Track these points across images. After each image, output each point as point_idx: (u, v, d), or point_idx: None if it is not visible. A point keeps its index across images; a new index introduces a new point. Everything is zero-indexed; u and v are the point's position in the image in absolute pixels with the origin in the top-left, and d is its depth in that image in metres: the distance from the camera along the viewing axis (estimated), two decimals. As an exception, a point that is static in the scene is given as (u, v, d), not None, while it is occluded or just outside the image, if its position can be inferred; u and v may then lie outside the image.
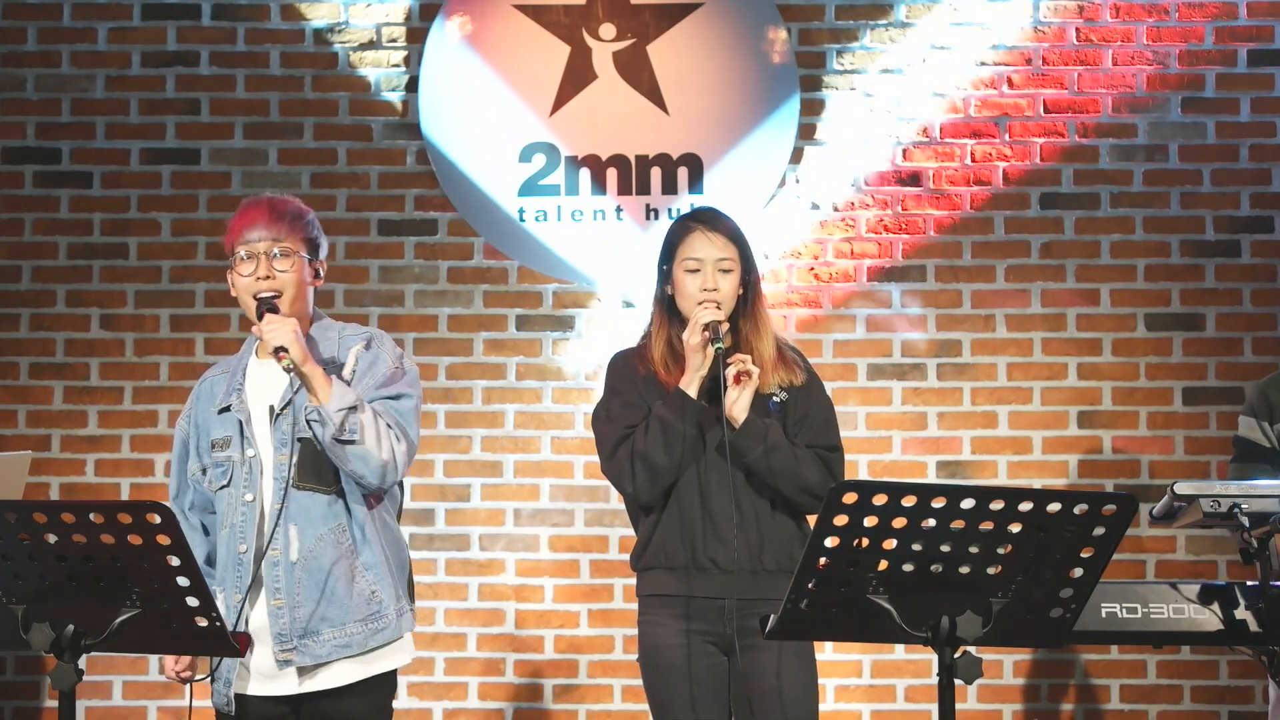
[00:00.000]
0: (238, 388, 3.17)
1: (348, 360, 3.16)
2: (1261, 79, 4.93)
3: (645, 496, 3.31)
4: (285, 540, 3.05)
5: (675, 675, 3.30)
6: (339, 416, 3.00)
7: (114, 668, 4.76)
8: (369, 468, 3.04)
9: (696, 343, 3.24)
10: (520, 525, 4.85)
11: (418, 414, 3.20)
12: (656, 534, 3.32)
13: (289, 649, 3.04)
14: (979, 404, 4.85)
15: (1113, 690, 4.78)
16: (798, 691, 3.26)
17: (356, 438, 3.01)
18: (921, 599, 2.52)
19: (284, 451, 3.09)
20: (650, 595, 3.36)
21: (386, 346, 3.23)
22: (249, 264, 3.11)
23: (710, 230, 3.35)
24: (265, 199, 3.19)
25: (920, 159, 4.93)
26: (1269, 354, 4.83)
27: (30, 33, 4.98)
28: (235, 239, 3.14)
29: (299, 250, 3.13)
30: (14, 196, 4.95)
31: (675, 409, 3.26)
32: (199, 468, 3.19)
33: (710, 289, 3.31)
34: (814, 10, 4.97)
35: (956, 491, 2.48)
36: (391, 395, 3.15)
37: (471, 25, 4.96)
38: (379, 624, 3.11)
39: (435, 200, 4.94)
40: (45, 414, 4.89)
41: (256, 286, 3.09)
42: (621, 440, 3.32)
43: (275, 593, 3.05)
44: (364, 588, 3.10)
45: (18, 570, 2.54)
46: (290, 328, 3.01)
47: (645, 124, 4.92)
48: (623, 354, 3.48)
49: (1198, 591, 3.05)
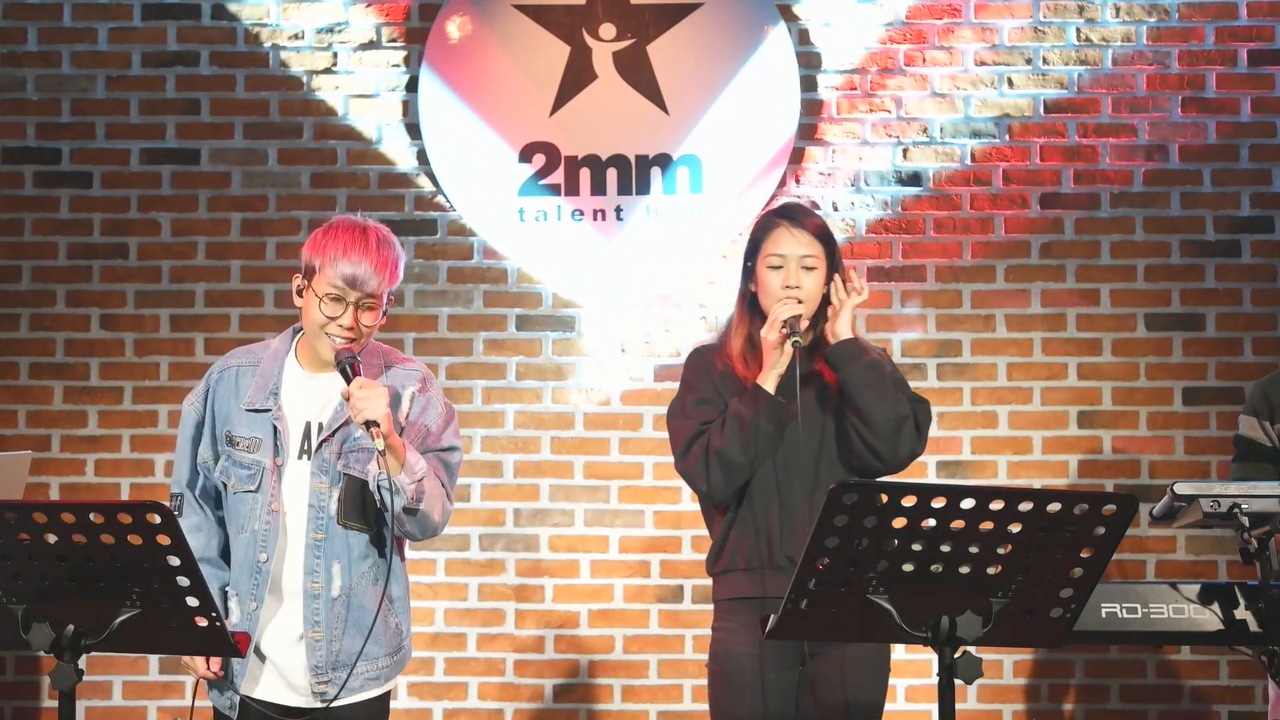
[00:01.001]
0: (274, 391, 3.10)
1: (403, 402, 3.10)
2: (1262, 79, 4.93)
3: (720, 495, 3.22)
4: (327, 576, 3.04)
5: (746, 685, 3.19)
6: (412, 489, 2.96)
7: (114, 668, 4.77)
8: (424, 530, 3.05)
9: (774, 339, 3.16)
10: (520, 525, 4.85)
11: (460, 466, 3.19)
12: (732, 534, 3.24)
13: (324, 681, 3.05)
14: (979, 404, 4.85)
15: (1112, 690, 4.78)
16: (861, 700, 3.19)
17: (423, 506, 2.99)
18: (921, 599, 2.52)
19: (322, 479, 3.05)
20: (726, 600, 3.26)
21: (435, 389, 3.18)
22: (335, 306, 3.00)
23: (795, 226, 3.25)
24: (371, 233, 3.04)
25: (920, 159, 4.93)
26: (1269, 354, 4.83)
27: (30, 33, 4.98)
28: (327, 263, 3.00)
29: (385, 303, 3.07)
30: (14, 196, 4.95)
31: (752, 405, 3.17)
32: (211, 455, 3.13)
33: (793, 286, 3.22)
34: (814, 10, 4.97)
35: (956, 491, 2.48)
36: (444, 448, 3.14)
37: (471, 25, 4.95)
38: (401, 656, 3.18)
39: (435, 200, 4.94)
40: (45, 414, 4.89)
41: (336, 332, 3.00)
42: (696, 437, 3.23)
43: (314, 625, 3.04)
44: (393, 622, 3.13)
45: (18, 570, 2.54)
46: (384, 403, 2.91)
47: (645, 124, 4.92)
48: (701, 349, 3.40)
49: (1198, 591, 3.05)
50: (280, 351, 3.16)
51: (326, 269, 3.00)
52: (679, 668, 4.78)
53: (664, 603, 4.80)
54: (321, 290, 3.01)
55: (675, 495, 4.82)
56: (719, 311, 4.88)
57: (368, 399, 2.89)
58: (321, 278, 3.01)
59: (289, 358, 3.15)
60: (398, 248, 3.08)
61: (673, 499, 4.82)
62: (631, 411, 4.87)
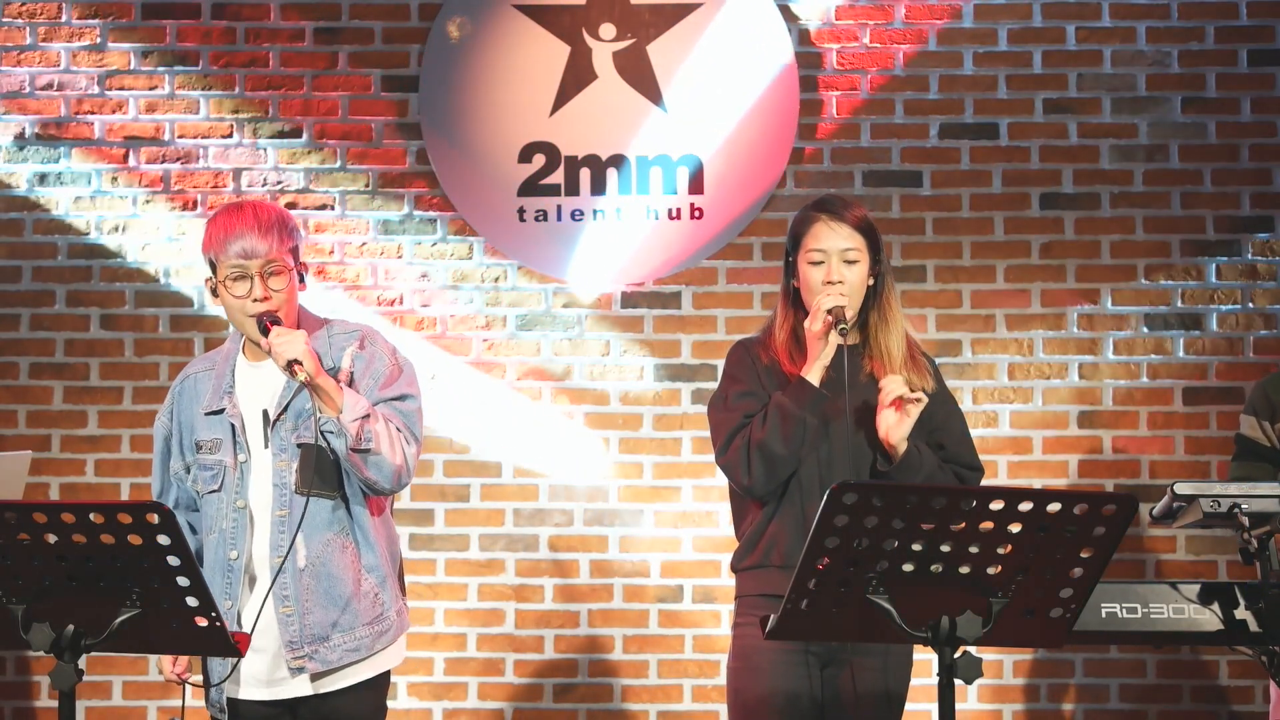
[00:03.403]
0: (228, 390, 3.15)
1: (343, 362, 3.14)
2: (1262, 79, 4.93)
3: (761, 489, 3.15)
4: (291, 548, 3.04)
5: (776, 681, 3.14)
6: (354, 427, 2.98)
7: (114, 668, 4.76)
8: (384, 474, 3.04)
9: (818, 330, 3.10)
10: (520, 525, 4.85)
11: (421, 412, 3.19)
12: (770, 529, 3.17)
13: (301, 656, 3.04)
14: (979, 404, 4.85)
15: (1112, 690, 4.78)
16: (886, 691, 3.17)
17: (372, 446, 3.00)
18: (921, 599, 2.52)
19: (283, 457, 3.08)
20: (754, 595, 3.19)
21: (380, 344, 3.20)
22: (241, 284, 3.06)
23: (834, 220, 3.19)
24: (247, 206, 3.12)
25: (920, 159, 4.93)
26: (1269, 354, 4.83)
27: (30, 33, 4.98)
28: (219, 250, 3.08)
29: (289, 265, 3.10)
30: (14, 197, 4.94)
31: (796, 397, 3.11)
32: (181, 466, 3.19)
33: (835, 281, 3.15)
34: (814, 10, 4.97)
35: (956, 492, 2.48)
36: (395, 396, 3.14)
37: (471, 25, 4.95)
38: (383, 625, 3.13)
39: (435, 200, 4.94)
40: (45, 414, 4.89)
41: (253, 308, 3.06)
42: (738, 430, 3.17)
43: (284, 600, 3.05)
44: (368, 590, 3.11)
45: (18, 570, 2.54)
46: (301, 340, 2.99)
47: (645, 124, 4.92)
48: (744, 342, 3.34)
49: (1198, 591, 3.04)
50: (231, 352, 3.23)
51: (220, 256, 3.08)
52: (679, 668, 4.78)
53: (664, 603, 4.80)
54: (224, 276, 3.08)
55: (675, 495, 4.82)
56: (719, 311, 4.88)
57: (285, 340, 2.98)
58: (221, 267, 3.08)
59: (239, 356, 3.21)
60: (278, 209, 3.15)
61: (673, 498, 4.82)
62: (631, 411, 4.87)
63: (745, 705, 3.19)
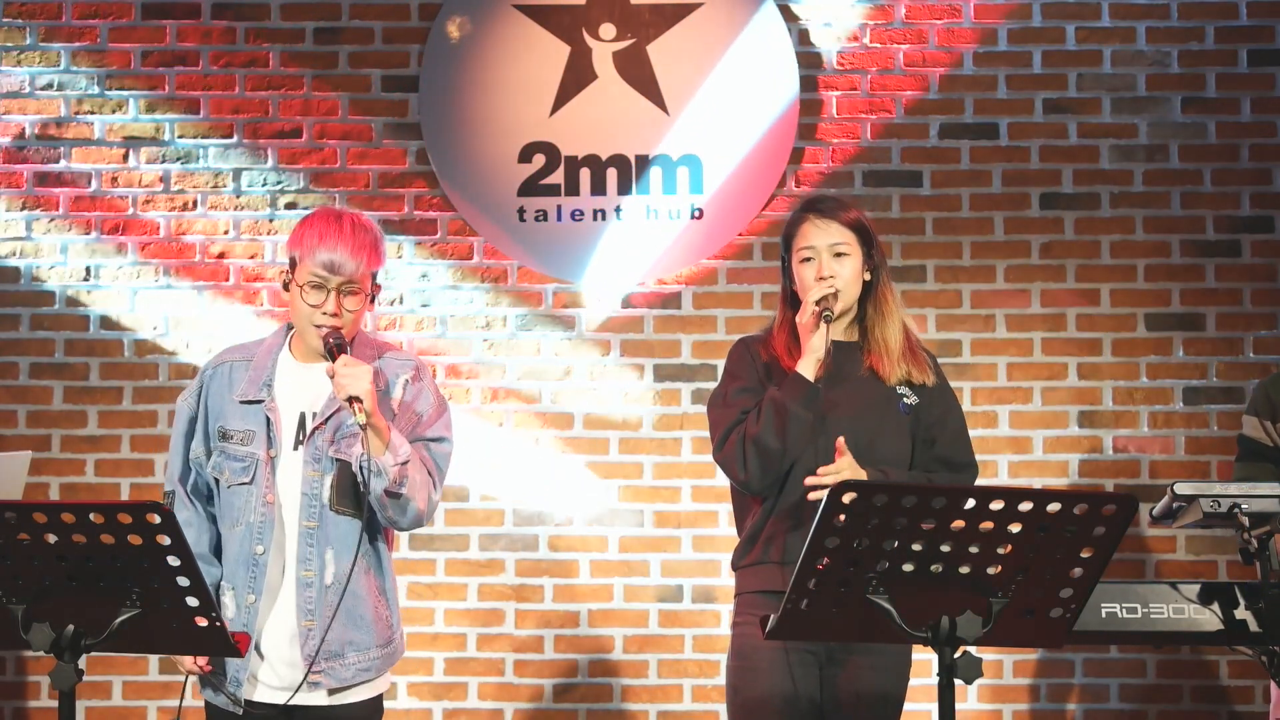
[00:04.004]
0: (268, 383, 3.13)
1: (395, 390, 3.14)
2: (1261, 79, 4.93)
3: (757, 483, 3.17)
4: (320, 564, 3.05)
5: (774, 679, 3.15)
6: (395, 471, 2.98)
7: (114, 668, 4.76)
8: (407, 517, 3.06)
9: (808, 321, 3.14)
10: (520, 525, 4.85)
11: (450, 457, 3.20)
12: (767, 527, 3.19)
13: (318, 671, 3.05)
14: (979, 404, 4.85)
15: (1112, 690, 4.78)
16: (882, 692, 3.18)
17: (405, 491, 3.01)
18: (921, 599, 2.52)
19: (315, 467, 3.08)
20: (753, 593, 3.20)
21: (428, 380, 3.21)
22: (316, 294, 3.05)
23: (821, 217, 3.26)
24: (346, 219, 3.09)
25: (920, 159, 4.93)
26: (1269, 354, 4.83)
27: (30, 33, 4.98)
28: (305, 254, 3.06)
29: (367, 288, 3.10)
30: (14, 196, 4.94)
31: (789, 391, 3.14)
32: (203, 451, 3.16)
33: (827, 276, 3.20)
34: (814, 10, 4.97)
35: (956, 492, 2.48)
36: (433, 438, 3.16)
37: (471, 25, 4.95)
38: (391, 649, 3.17)
39: (435, 200, 4.94)
40: (45, 414, 4.89)
41: (322, 320, 3.05)
42: (735, 425, 3.20)
43: (307, 614, 3.05)
44: (382, 612, 3.13)
45: (18, 570, 2.54)
46: (368, 379, 2.95)
47: (645, 124, 4.92)
48: (745, 340, 3.38)
49: (1198, 591, 3.05)
50: (274, 345, 3.21)
51: (306, 259, 3.06)
52: (679, 668, 4.78)
53: (664, 603, 4.80)
54: (303, 280, 3.06)
55: (675, 495, 4.82)
56: (719, 311, 4.88)
57: (351, 375, 2.95)
58: (303, 268, 3.07)
59: (283, 351, 3.19)
60: (375, 231, 3.12)
61: (673, 498, 4.82)
62: (631, 411, 4.87)
63: (744, 704, 3.20)
